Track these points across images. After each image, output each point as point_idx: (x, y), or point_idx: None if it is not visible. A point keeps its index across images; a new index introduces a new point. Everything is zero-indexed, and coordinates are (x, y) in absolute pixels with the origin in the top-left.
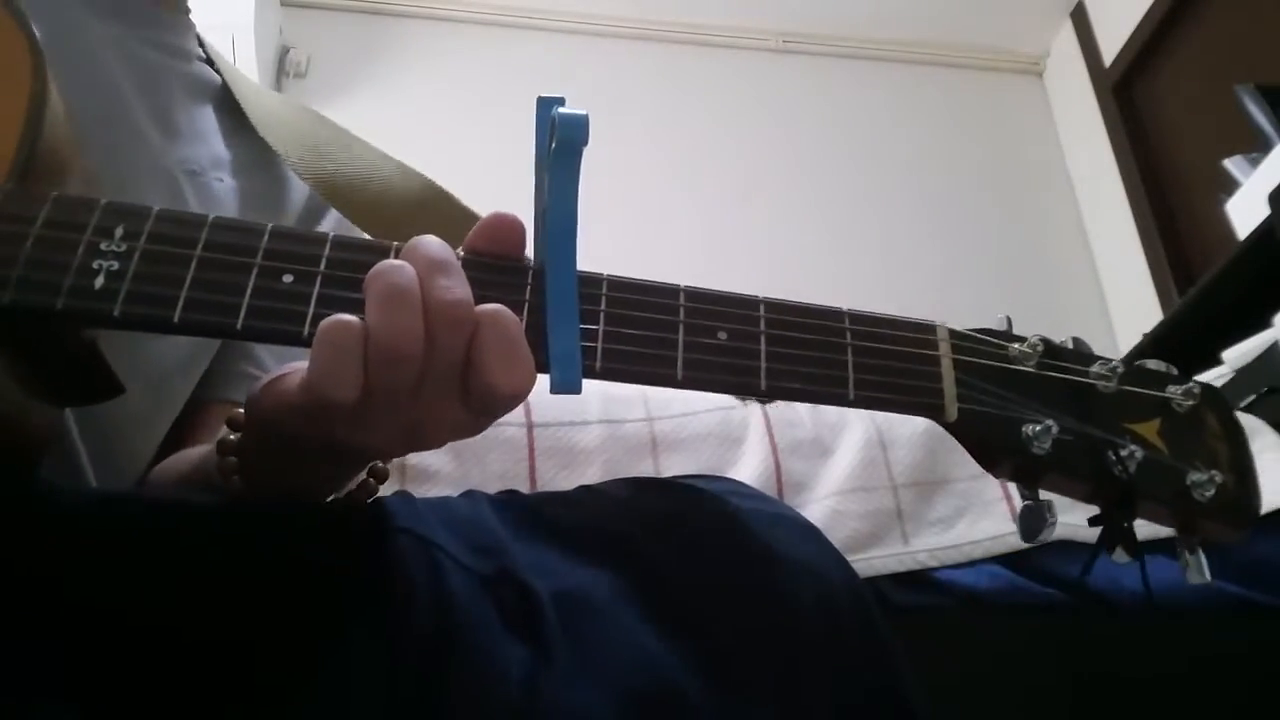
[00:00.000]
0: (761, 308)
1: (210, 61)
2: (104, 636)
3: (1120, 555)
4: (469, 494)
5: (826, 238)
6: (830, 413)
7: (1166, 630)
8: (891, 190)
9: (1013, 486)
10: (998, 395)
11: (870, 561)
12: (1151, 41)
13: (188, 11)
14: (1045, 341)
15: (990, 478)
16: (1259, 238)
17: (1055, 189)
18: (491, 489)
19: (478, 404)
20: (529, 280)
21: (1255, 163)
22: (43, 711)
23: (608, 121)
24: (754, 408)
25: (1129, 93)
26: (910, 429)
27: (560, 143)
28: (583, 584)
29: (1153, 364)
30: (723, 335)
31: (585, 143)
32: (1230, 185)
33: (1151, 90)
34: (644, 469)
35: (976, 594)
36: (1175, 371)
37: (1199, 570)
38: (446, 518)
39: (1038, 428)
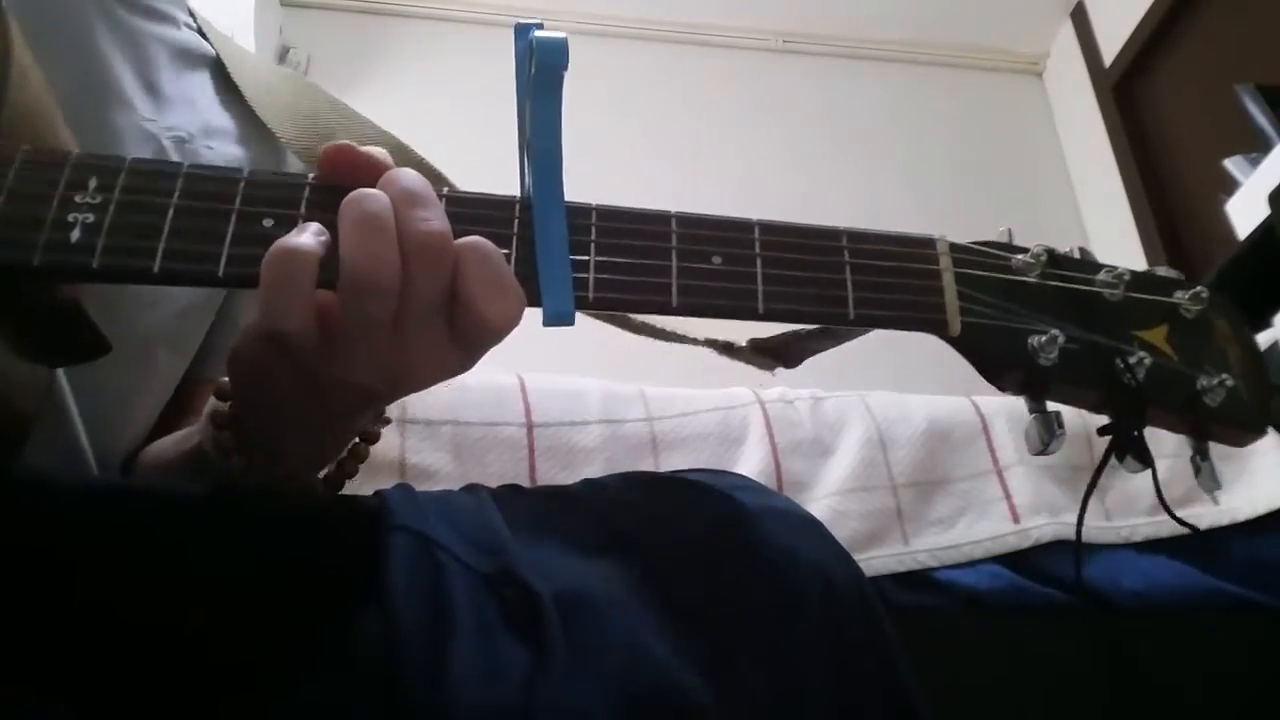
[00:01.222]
0: (756, 230)
1: (201, 32)
2: (97, 633)
3: (1131, 464)
4: (471, 488)
5: None
6: (830, 412)
7: (1166, 630)
8: (891, 190)
9: (1013, 485)
10: (1001, 307)
11: (870, 561)
12: (1151, 41)
13: None
14: (1049, 251)
15: (990, 477)
16: (1259, 238)
17: (1055, 189)
18: None
19: (465, 338)
20: (517, 213)
21: (1255, 163)
22: (36, 710)
23: (608, 121)
24: (754, 407)
25: (1129, 93)
26: (910, 429)
27: (540, 68)
28: (584, 582)
29: (1161, 271)
30: (717, 260)
31: (565, 67)
32: (1230, 185)
33: (1151, 90)
34: (644, 469)
35: (976, 594)
36: (1183, 277)
37: (1211, 477)
38: (449, 514)
39: (1043, 338)
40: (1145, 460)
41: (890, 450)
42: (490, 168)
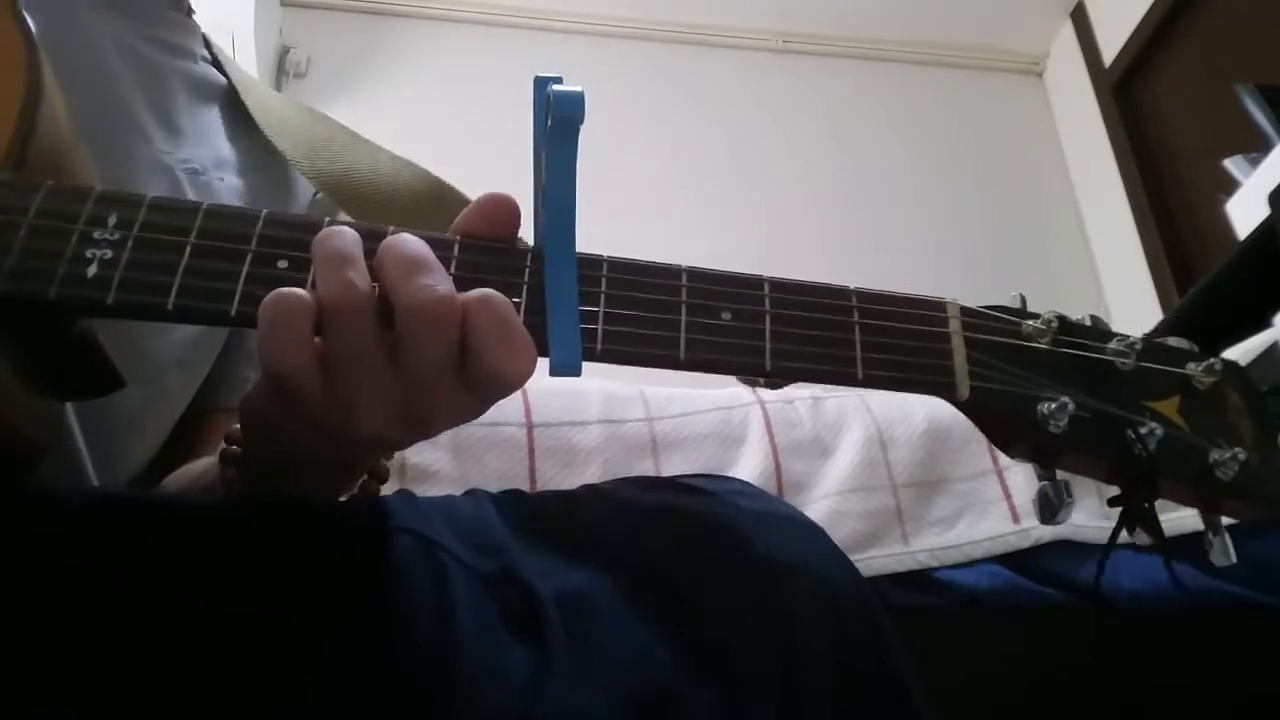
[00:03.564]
0: (766, 287)
1: (216, 63)
2: (97, 638)
3: (1141, 537)
4: (471, 493)
5: (825, 238)
6: (830, 412)
7: (1167, 630)
8: (891, 190)
9: (1013, 485)
10: (1011, 373)
11: (870, 561)
12: (1151, 41)
13: (191, 12)
14: (1060, 318)
15: (990, 477)
16: (1259, 238)
17: (1055, 189)
18: (491, 489)
19: (479, 390)
20: (528, 262)
21: (1255, 163)
22: (38, 714)
23: (608, 121)
24: (754, 407)
25: (1129, 93)
26: (910, 429)
27: (556, 120)
28: (585, 585)
29: (1174, 341)
30: (726, 315)
31: (582, 120)
32: (1230, 185)
33: (1151, 90)
34: (644, 469)
35: (976, 594)
36: (1196, 349)
37: (1224, 552)
38: (449, 517)
39: (1053, 405)
40: (1155, 534)
41: (890, 450)
42: (489, 167)
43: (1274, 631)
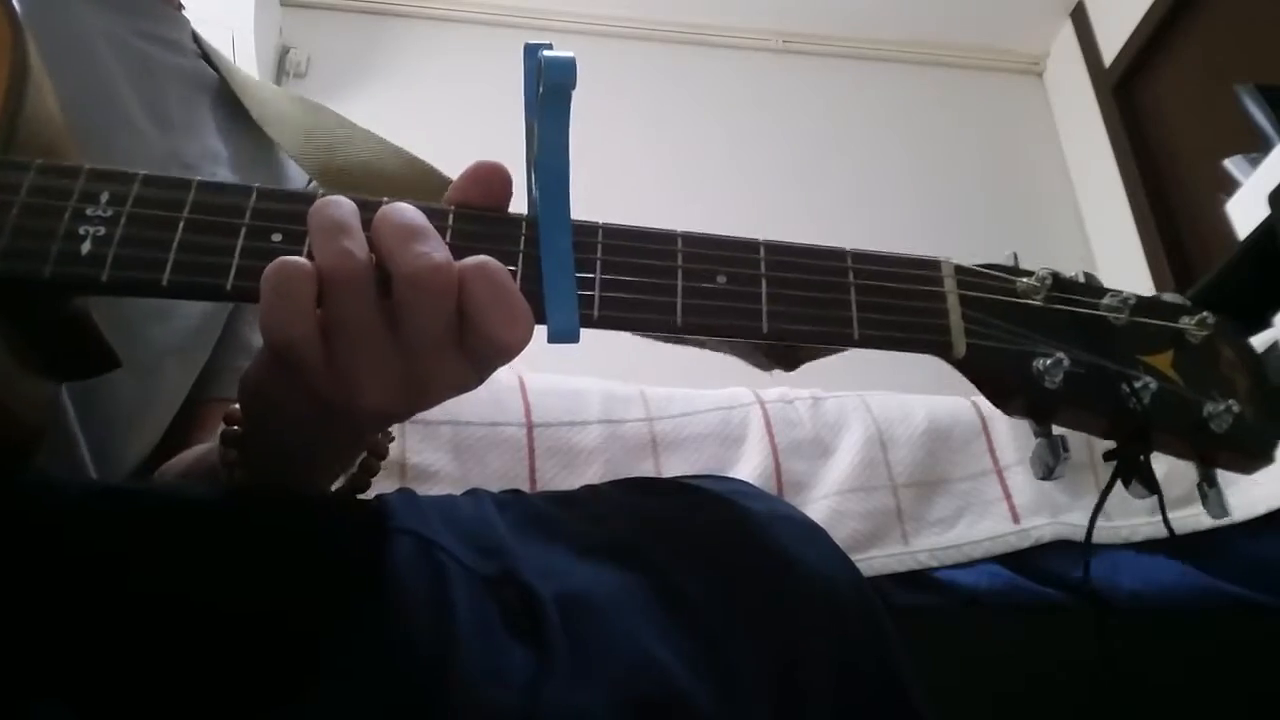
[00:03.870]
0: (762, 250)
1: (206, 58)
2: (95, 633)
3: (1137, 490)
4: (472, 493)
5: (825, 238)
6: (830, 412)
7: (1166, 630)
8: (891, 190)
9: (1013, 485)
10: (1006, 329)
11: (870, 561)
12: (1151, 41)
13: (181, 7)
14: (1054, 275)
15: (990, 477)
16: (1259, 238)
17: (1055, 189)
18: (492, 489)
19: (477, 358)
20: (524, 230)
21: (1255, 163)
22: (36, 710)
23: (608, 121)
24: (754, 408)
25: (1129, 93)
26: (910, 429)
27: (548, 87)
28: (586, 585)
29: (1166, 296)
30: (722, 279)
31: (573, 86)
32: (1230, 185)
33: (1151, 90)
34: (644, 469)
35: (976, 594)
36: (1189, 303)
37: (1219, 504)
38: (450, 517)
39: (1049, 361)
40: (1151, 486)
41: (890, 450)
42: None
43: (1274, 631)
